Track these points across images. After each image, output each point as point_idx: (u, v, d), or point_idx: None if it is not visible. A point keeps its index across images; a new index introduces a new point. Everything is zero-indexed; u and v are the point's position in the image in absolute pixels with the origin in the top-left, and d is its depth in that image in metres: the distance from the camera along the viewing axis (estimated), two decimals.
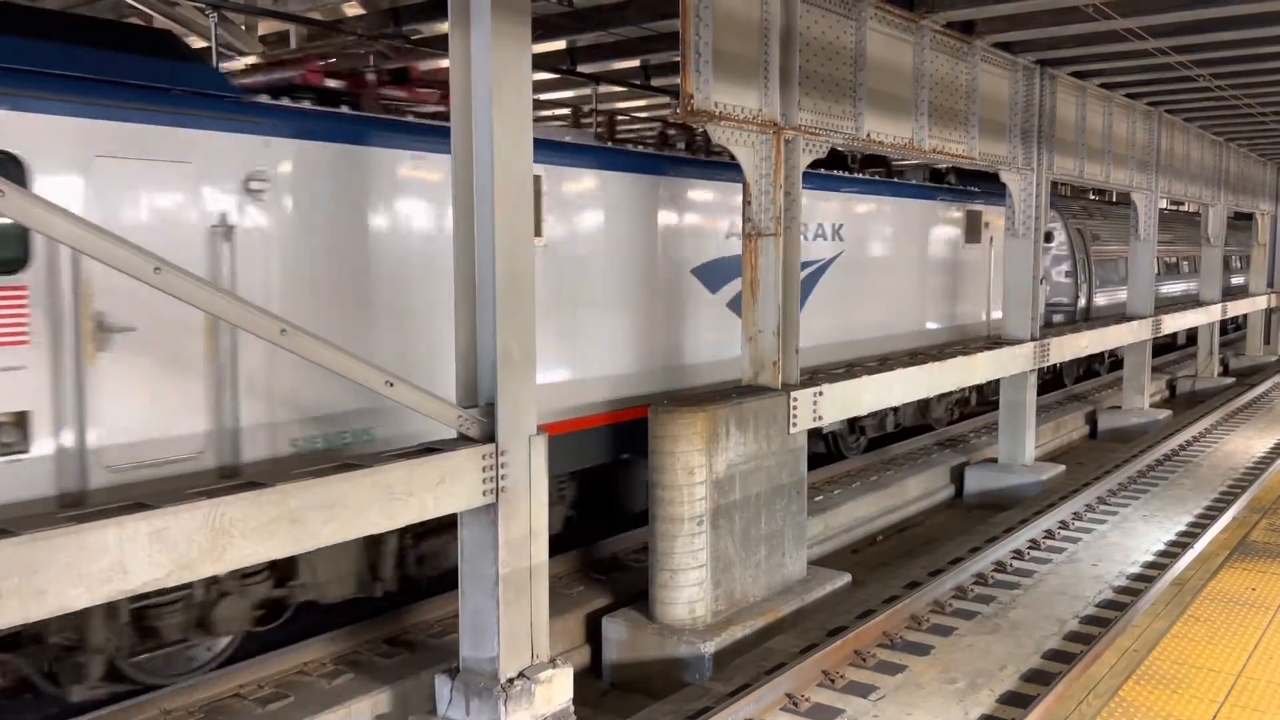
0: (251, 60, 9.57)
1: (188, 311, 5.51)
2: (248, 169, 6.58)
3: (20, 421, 5.66)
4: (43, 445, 5.73)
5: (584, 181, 9.10)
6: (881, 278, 13.26)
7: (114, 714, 6.32)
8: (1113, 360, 22.56)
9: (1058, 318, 19.38)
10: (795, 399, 8.72)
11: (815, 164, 10.25)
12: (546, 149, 8.26)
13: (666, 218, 9.95)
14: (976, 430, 15.83)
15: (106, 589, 4.61)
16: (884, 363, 11.44)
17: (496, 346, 6.18)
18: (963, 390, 15.56)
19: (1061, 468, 13.75)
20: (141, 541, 4.68)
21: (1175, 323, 19.46)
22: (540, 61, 11.74)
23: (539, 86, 12.66)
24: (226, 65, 8.43)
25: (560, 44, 12.11)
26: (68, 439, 5.83)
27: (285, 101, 7.07)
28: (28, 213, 4.50)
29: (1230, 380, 22.50)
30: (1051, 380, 20.24)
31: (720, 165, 10.49)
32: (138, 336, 6.05)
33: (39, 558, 4.37)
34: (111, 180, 5.96)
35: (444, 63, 11.45)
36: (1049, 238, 18.46)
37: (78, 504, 5.69)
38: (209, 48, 9.06)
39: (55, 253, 5.72)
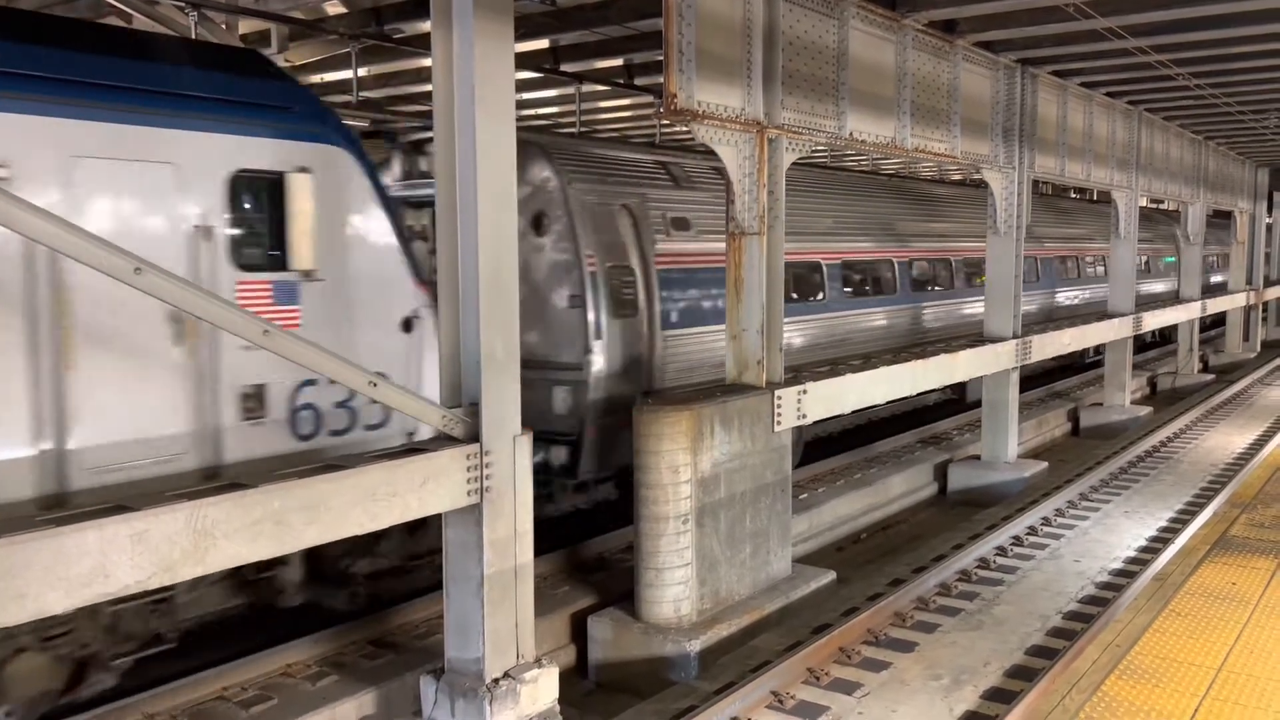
0: None
1: None
2: None
3: None
4: None
5: None
6: None
7: (95, 718, 6.27)
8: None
9: (559, 395, 9.77)
10: (780, 397, 8.73)
11: None
12: None
13: None
14: (960, 428, 15.89)
15: (87, 592, 4.57)
16: (867, 360, 11.47)
17: (480, 346, 6.17)
18: None
19: (1044, 464, 13.82)
20: (123, 544, 4.65)
21: (1156, 320, 19.55)
22: (523, 61, 11.73)
23: (522, 86, 12.66)
24: None
25: (543, 43, 12.09)
26: None
27: None
28: (9, 214, 4.46)
29: (1210, 377, 22.67)
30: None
31: None
32: None
33: (17, 560, 4.33)
34: None
35: (426, 62, 11.45)
36: (538, 225, 9.83)
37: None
38: None
39: None
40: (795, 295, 12.09)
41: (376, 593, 7.94)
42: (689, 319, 10.66)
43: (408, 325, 7.35)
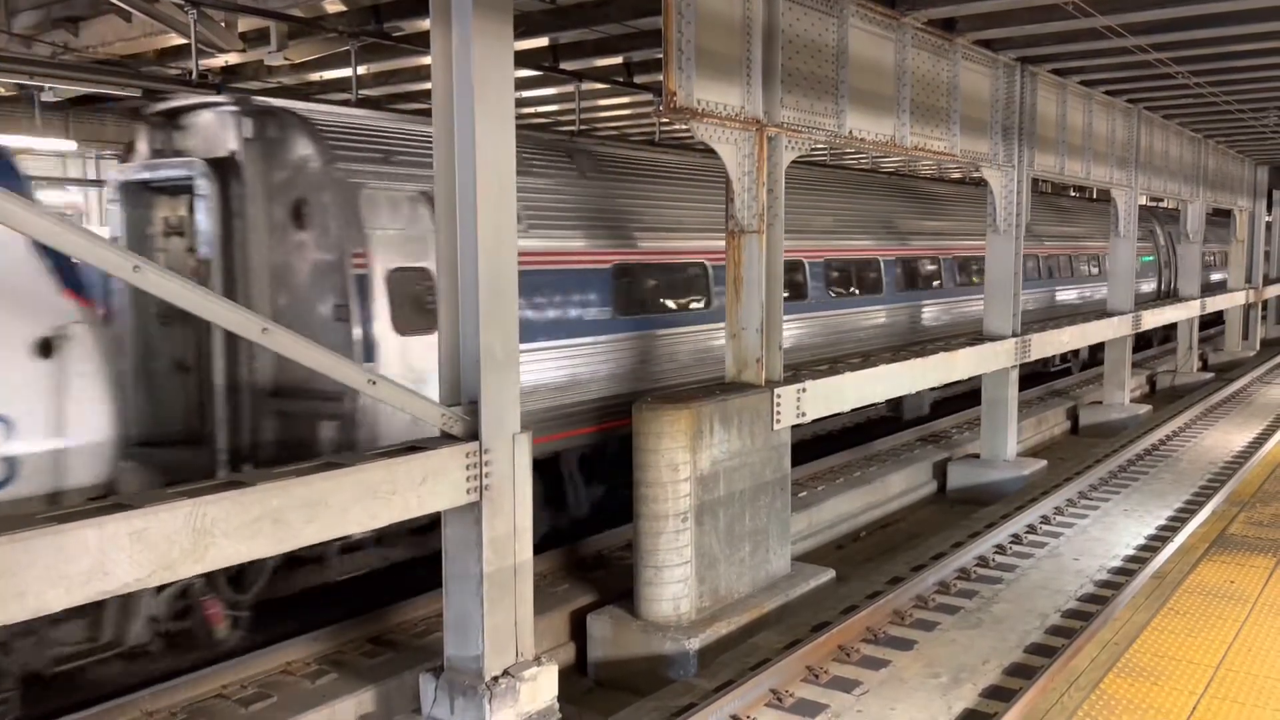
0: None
1: None
2: None
3: None
4: None
5: None
6: None
7: (95, 715, 6.28)
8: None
9: (324, 432, 7.88)
10: (779, 395, 8.74)
11: None
12: None
13: None
14: (959, 426, 15.90)
15: (87, 590, 4.58)
16: (867, 359, 11.46)
17: (479, 345, 6.18)
18: None
19: (1043, 463, 13.82)
20: (122, 542, 4.65)
21: (1155, 318, 19.54)
22: (522, 59, 11.71)
23: (521, 84, 12.65)
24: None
25: (542, 41, 12.08)
26: None
27: None
28: (9, 214, 4.46)
29: (1209, 375, 22.67)
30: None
31: None
32: None
33: (18, 559, 4.33)
34: None
35: (425, 60, 11.44)
36: (298, 216, 7.90)
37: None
38: (188, 45, 9.00)
39: None
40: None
41: (58, 688, 6.46)
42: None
43: (46, 348, 5.53)
